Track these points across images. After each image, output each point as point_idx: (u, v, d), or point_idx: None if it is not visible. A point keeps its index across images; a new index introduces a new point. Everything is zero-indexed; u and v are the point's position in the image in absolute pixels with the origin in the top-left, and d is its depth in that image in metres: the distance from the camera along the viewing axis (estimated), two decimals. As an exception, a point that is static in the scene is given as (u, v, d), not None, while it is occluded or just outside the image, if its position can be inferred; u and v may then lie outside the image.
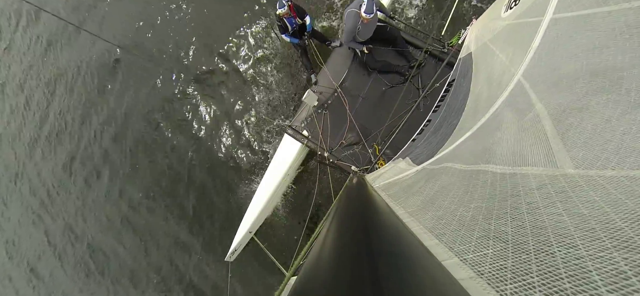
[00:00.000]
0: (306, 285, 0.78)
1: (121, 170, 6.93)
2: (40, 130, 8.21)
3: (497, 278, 0.52)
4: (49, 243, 8.26)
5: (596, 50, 1.13)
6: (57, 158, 7.89)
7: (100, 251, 7.43)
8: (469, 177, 1.13)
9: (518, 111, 1.41)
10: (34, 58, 8.41)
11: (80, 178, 7.55)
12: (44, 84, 8.20)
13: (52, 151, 8.00)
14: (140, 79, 6.75)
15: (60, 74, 7.89)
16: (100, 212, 7.33)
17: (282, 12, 3.75)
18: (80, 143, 7.56)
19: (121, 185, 6.97)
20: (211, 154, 6.04)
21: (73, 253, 7.84)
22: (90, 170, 7.40)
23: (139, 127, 6.70)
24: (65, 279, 8.05)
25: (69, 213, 7.77)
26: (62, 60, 7.95)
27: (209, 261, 6.12)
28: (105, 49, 7.19)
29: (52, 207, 8.10)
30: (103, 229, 7.31)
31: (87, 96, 7.47)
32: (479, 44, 2.80)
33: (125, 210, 6.95)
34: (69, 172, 7.70)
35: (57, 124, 7.89)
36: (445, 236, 0.79)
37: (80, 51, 7.63)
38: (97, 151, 7.29)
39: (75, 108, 7.62)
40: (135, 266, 6.96)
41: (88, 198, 7.47)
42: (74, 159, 7.62)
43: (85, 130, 7.50)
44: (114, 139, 7.02)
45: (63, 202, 7.88)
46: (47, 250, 8.31)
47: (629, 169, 0.58)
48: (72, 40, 7.84)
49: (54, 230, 8.11)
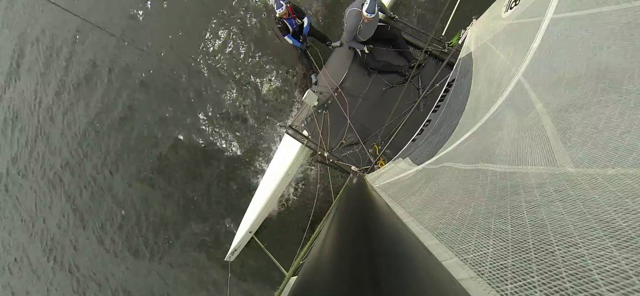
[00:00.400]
0: (306, 285, 0.78)
1: (126, 157, 6.92)
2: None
3: (498, 277, 0.52)
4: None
5: (596, 50, 1.13)
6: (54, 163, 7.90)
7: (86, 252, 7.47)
8: (469, 176, 1.13)
9: (518, 111, 1.41)
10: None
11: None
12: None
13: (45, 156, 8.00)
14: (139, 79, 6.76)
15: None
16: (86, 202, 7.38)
17: (281, 12, 3.76)
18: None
19: (122, 176, 6.97)
20: (211, 154, 6.04)
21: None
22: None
23: (140, 125, 6.70)
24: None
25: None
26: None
27: (209, 260, 6.12)
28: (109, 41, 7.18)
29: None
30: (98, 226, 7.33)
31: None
32: (479, 44, 2.81)
33: (122, 201, 6.96)
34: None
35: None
36: (445, 236, 0.79)
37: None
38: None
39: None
40: (133, 266, 6.97)
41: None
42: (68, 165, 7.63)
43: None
44: (119, 129, 7.03)
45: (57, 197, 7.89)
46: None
47: (629, 167, 0.58)
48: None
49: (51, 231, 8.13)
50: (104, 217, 7.31)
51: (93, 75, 7.36)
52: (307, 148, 4.17)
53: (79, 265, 7.79)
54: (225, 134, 5.97)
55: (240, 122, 5.86)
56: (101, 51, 7.28)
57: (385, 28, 3.88)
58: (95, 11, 7.25)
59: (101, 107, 7.19)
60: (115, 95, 6.99)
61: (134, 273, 7.04)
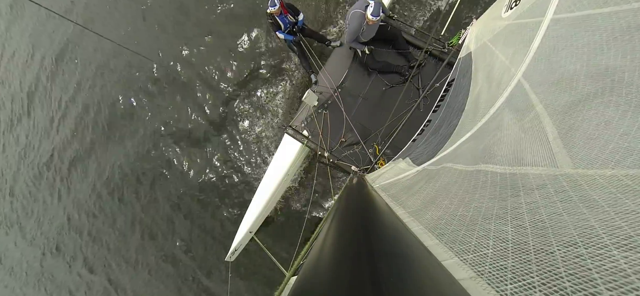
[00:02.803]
0: (306, 285, 0.78)
1: (120, 164, 6.93)
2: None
3: (497, 278, 0.52)
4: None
5: (596, 51, 1.13)
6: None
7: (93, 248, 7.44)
8: (469, 177, 1.13)
9: (518, 111, 1.41)
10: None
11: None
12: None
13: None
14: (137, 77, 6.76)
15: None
16: (91, 201, 7.34)
17: (273, 10, 3.77)
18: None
19: (120, 179, 6.97)
20: (211, 154, 6.04)
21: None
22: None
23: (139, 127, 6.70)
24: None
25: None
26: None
27: (210, 261, 6.12)
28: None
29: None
30: (98, 222, 7.32)
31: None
32: (479, 44, 2.81)
33: (122, 206, 6.96)
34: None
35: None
36: (445, 237, 0.79)
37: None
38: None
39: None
40: (135, 266, 6.97)
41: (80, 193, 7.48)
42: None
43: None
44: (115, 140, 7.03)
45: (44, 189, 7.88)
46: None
47: (629, 168, 0.59)
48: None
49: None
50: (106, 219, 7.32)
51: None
52: (307, 148, 4.17)
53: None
54: (223, 134, 5.97)
55: (238, 123, 5.87)
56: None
57: (386, 28, 3.89)
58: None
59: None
60: (114, 92, 6.99)
61: (134, 274, 7.05)
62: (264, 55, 5.73)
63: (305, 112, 4.18)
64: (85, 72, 7.53)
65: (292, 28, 4.12)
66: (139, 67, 6.68)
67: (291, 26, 4.09)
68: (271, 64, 5.68)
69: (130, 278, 7.09)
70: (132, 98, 6.77)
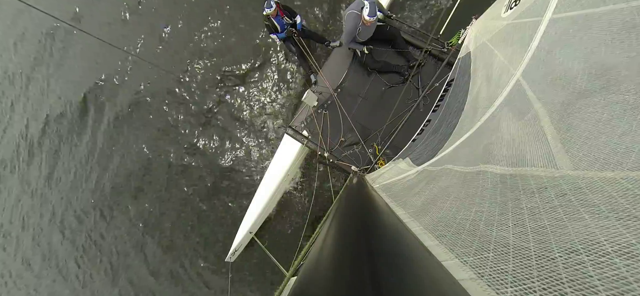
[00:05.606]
0: (306, 285, 0.78)
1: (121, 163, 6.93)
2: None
3: (498, 280, 0.52)
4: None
5: (595, 51, 1.13)
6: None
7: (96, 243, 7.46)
8: (469, 179, 1.13)
9: (517, 111, 1.41)
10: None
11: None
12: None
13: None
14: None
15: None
16: (88, 205, 7.35)
17: (269, 12, 3.76)
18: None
19: (120, 181, 6.97)
20: (210, 153, 6.03)
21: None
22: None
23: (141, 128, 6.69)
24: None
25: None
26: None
27: (210, 261, 6.12)
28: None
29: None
30: (99, 225, 7.32)
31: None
32: (478, 43, 2.80)
33: (122, 208, 6.96)
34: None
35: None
36: (445, 238, 0.79)
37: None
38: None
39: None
40: (135, 267, 6.96)
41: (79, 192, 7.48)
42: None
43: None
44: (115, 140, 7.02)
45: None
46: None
47: (629, 170, 0.59)
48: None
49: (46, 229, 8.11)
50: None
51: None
52: (307, 148, 4.16)
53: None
54: (222, 134, 5.96)
55: (238, 123, 5.86)
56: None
57: (384, 28, 3.88)
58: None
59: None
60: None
61: (133, 274, 7.05)
62: (263, 56, 5.72)
63: (305, 112, 4.17)
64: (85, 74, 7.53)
65: (289, 30, 4.10)
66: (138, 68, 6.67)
67: (288, 28, 4.06)
68: (271, 64, 5.67)
69: (130, 278, 7.09)
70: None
